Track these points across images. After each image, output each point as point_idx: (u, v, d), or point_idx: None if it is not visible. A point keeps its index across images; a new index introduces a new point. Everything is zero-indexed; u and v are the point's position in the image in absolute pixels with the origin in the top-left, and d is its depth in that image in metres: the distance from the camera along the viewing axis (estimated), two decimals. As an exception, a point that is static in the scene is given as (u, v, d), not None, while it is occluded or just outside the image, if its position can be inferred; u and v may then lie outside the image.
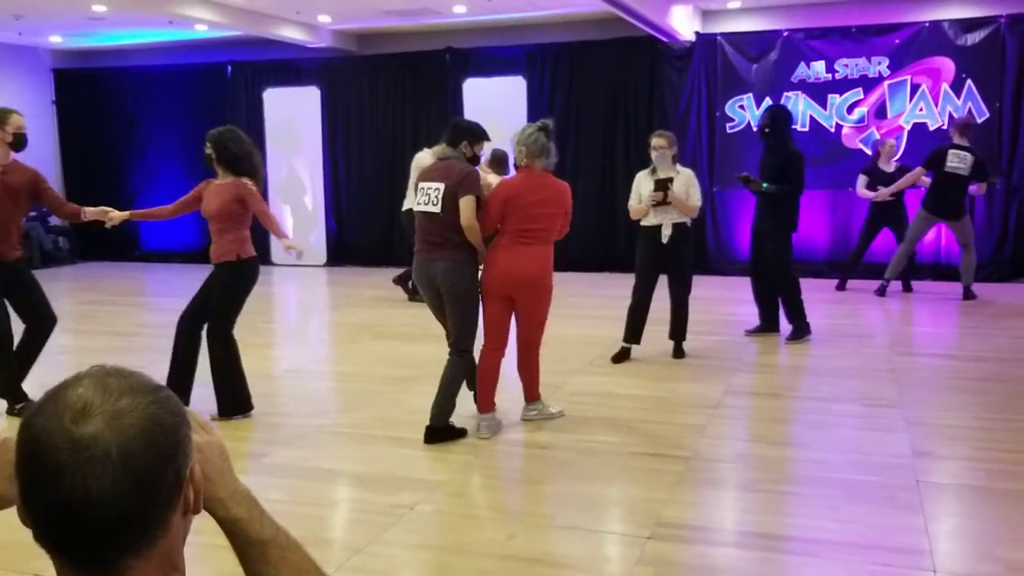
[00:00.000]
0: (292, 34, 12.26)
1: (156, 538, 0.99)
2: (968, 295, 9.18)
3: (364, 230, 13.22)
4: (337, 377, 6.81)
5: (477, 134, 5.03)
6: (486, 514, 3.98)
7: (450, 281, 4.83)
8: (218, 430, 1.27)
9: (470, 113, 12.06)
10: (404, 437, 4.94)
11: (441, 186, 4.79)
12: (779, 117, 7.43)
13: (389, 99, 12.93)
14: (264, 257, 13.45)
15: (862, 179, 9.75)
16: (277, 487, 4.22)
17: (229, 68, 13.66)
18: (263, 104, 13.50)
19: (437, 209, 4.79)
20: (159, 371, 5.65)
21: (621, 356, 6.72)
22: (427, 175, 4.92)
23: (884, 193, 9.52)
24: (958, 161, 9.01)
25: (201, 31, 12.57)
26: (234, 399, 5.37)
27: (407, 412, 5.40)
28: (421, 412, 5.39)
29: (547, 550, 3.53)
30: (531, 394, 5.25)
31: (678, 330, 6.84)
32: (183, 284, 11.50)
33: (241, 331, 5.51)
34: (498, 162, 9.49)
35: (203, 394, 5.37)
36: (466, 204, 4.75)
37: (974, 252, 9.30)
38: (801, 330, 7.36)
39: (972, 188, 9.28)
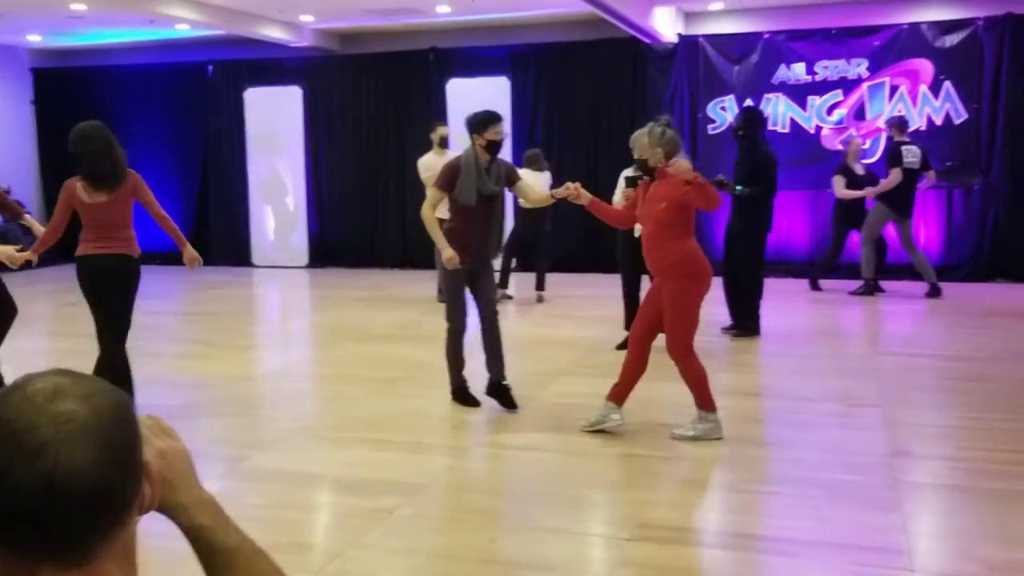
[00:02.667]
0: (274, 33, 12.20)
1: (125, 523, 0.99)
2: (935, 292, 9.33)
3: (347, 231, 13.18)
4: (318, 380, 6.77)
5: (475, 123, 5.25)
6: (468, 517, 3.97)
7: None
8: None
9: (454, 114, 12.04)
10: (386, 440, 4.92)
11: None
12: (753, 120, 7.54)
13: (372, 99, 12.88)
14: (245, 258, 13.46)
15: (840, 180, 9.81)
16: (256, 491, 4.19)
17: (210, 67, 13.59)
18: (244, 104, 13.43)
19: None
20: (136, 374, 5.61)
21: (625, 344, 6.80)
22: None
23: (871, 192, 9.66)
24: (912, 156, 9.36)
25: (182, 30, 12.50)
26: None
27: (389, 415, 5.38)
28: (403, 415, 5.39)
29: (529, 553, 3.52)
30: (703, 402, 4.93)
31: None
32: (164, 287, 11.45)
33: (221, 334, 5.48)
34: (535, 160, 9.44)
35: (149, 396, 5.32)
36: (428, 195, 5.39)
37: (919, 249, 9.64)
38: (750, 329, 7.51)
39: (921, 182, 9.60)
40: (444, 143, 9.16)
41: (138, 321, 5.55)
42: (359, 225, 13.02)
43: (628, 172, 6.72)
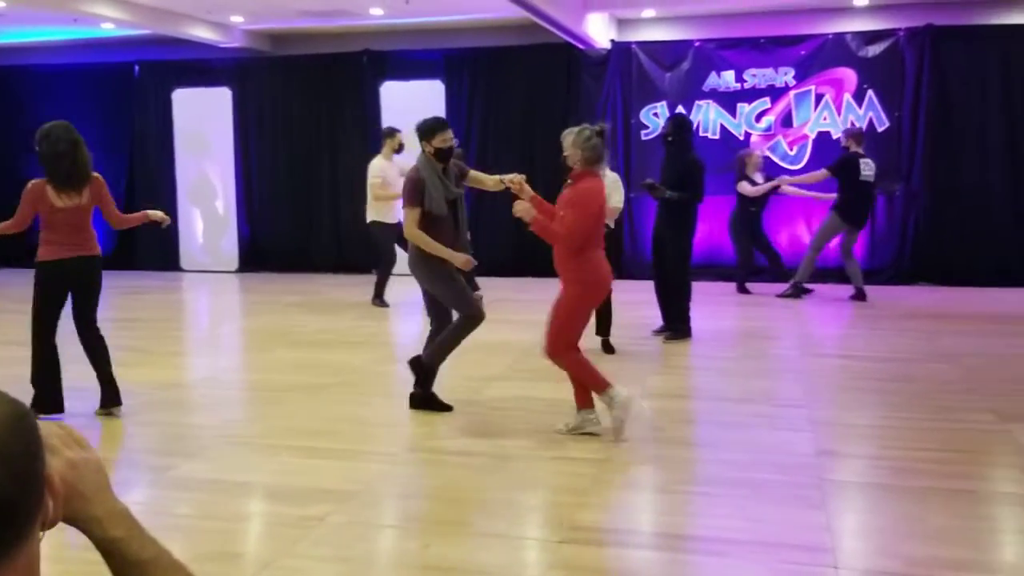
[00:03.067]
0: (203, 34, 12.00)
1: (26, 538, 0.96)
2: (861, 296, 9.64)
3: (279, 235, 13.01)
4: (248, 386, 6.67)
5: (422, 131, 5.29)
6: (400, 524, 3.95)
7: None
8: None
9: (388, 117, 11.98)
10: (317, 447, 4.86)
11: None
12: (682, 126, 7.71)
13: (304, 101, 12.75)
14: (173, 263, 13.19)
15: (745, 185, 10.09)
16: (182, 501, 4.11)
17: (137, 68, 13.30)
18: (172, 105, 13.18)
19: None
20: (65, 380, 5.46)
21: (606, 349, 7.06)
22: None
23: (785, 180, 10.02)
24: (868, 170, 9.49)
25: (107, 29, 12.21)
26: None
27: (320, 421, 5.32)
28: (334, 421, 5.34)
29: (462, 558, 3.51)
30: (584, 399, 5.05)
31: (606, 327, 7.10)
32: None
33: (148, 340, 5.37)
34: (458, 159, 9.41)
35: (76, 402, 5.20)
36: (406, 215, 5.21)
37: (855, 258, 9.98)
38: (682, 332, 7.65)
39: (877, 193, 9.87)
40: (400, 150, 9.13)
41: (63, 327, 5.42)
42: (291, 228, 12.87)
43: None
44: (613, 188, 6.72)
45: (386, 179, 9.09)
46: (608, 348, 7.12)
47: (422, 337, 5.83)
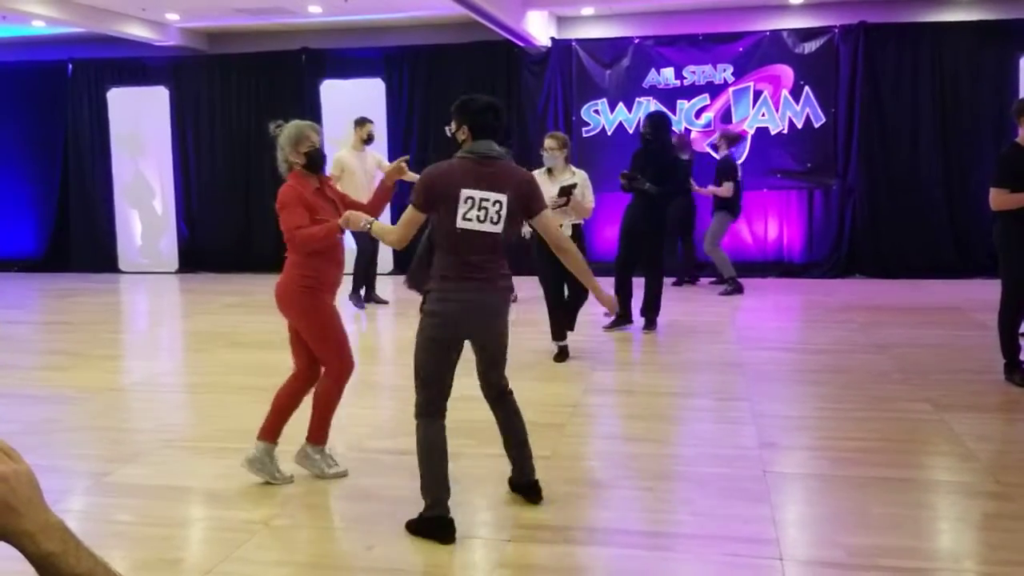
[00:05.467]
0: (138, 32, 11.75)
1: None
2: (725, 282, 10.16)
3: (217, 235, 12.80)
4: (187, 389, 6.54)
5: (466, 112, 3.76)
6: (344, 525, 3.90)
7: (504, 322, 3.85)
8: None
9: (328, 115, 11.86)
10: (259, 449, 4.78)
11: (503, 198, 3.62)
12: (661, 125, 7.90)
13: (242, 100, 12.58)
14: (111, 264, 12.90)
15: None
16: (122, 507, 4.01)
17: (70, 66, 12.98)
18: (107, 104, 12.89)
19: (498, 228, 3.63)
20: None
21: (561, 357, 6.80)
22: (473, 180, 3.61)
23: (703, 191, 10.33)
24: (740, 170, 10.25)
25: (38, 27, 11.88)
26: None
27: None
28: (277, 422, 5.25)
29: (408, 559, 3.49)
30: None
31: (571, 326, 6.99)
32: (21, 295, 10.88)
33: (83, 344, 5.23)
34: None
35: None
36: (551, 220, 3.87)
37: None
38: (655, 322, 7.88)
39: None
40: (370, 140, 9.03)
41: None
42: (231, 228, 12.67)
43: (539, 172, 6.67)
44: (584, 187, 6.74)
45: (348, 170, 8.88)
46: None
47: (359, 336, 5.76)
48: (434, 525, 3.62)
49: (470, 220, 3.56)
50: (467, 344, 3.79)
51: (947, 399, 5.52)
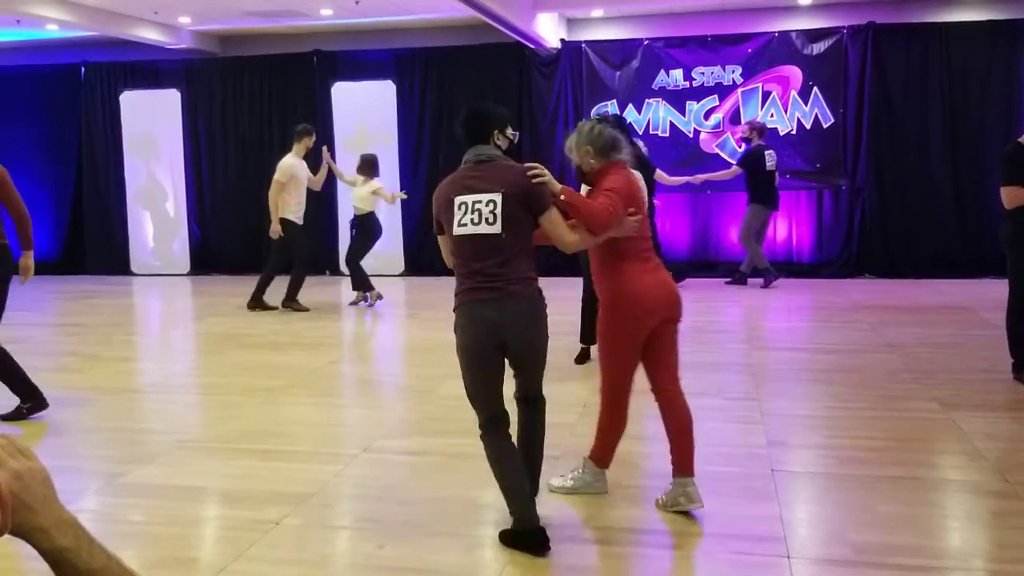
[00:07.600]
0: (150, 35, 11.84)
1: None
2: (743, 280, 10.40)
3: (229, 237, 12.89)
4: (200, 390, 6.60)
5: (503, 118, 3.83)
6: (356, 525, 3.94)
7: (536, 331, 3.71)
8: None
9: (339, 117, 11.94)
10: (271, 450, 4.84)
11: (496, 196, 3.53)
12: (623, 127, 7.79)
13: (254, 102, 12.64)
14: (123, 267, 12.99)
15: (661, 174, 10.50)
16: (136, 507, 4.07)
17: (83, 69, 13.08)
18: (120, 107, 12.98)
19: (497, 229, 3.52)
20: None
21: (582, 358, 6.81)
22: (462, 186, 3.62)
23: (700, 178, 10.55)
24: (771, 160, 10.18)
25: (52, 31, 11.99)
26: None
27: (274, 424, 5.29)
28: (288, 423, 5.31)
29: (418, 558, 3.52)
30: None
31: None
32: (36, 297, 10.96)
33: (98, 346, 5.29)
34: (368, 165, 9.47)
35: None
36: (556, 219, 3.62)
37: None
38: None
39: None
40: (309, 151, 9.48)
41: (8, 335, 5.32)
42: (242, 231, 12.74)
43: None
44: None
45: (296, 177, 9.24)
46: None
47: (368, 337, 5.80)
48: (523, 540, 3.54)
49: (465, 225, 3.54)
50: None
51: (956, 398, 5.53)
